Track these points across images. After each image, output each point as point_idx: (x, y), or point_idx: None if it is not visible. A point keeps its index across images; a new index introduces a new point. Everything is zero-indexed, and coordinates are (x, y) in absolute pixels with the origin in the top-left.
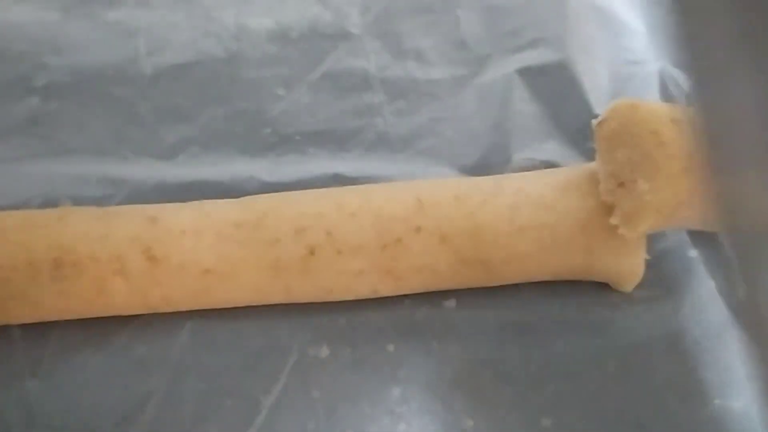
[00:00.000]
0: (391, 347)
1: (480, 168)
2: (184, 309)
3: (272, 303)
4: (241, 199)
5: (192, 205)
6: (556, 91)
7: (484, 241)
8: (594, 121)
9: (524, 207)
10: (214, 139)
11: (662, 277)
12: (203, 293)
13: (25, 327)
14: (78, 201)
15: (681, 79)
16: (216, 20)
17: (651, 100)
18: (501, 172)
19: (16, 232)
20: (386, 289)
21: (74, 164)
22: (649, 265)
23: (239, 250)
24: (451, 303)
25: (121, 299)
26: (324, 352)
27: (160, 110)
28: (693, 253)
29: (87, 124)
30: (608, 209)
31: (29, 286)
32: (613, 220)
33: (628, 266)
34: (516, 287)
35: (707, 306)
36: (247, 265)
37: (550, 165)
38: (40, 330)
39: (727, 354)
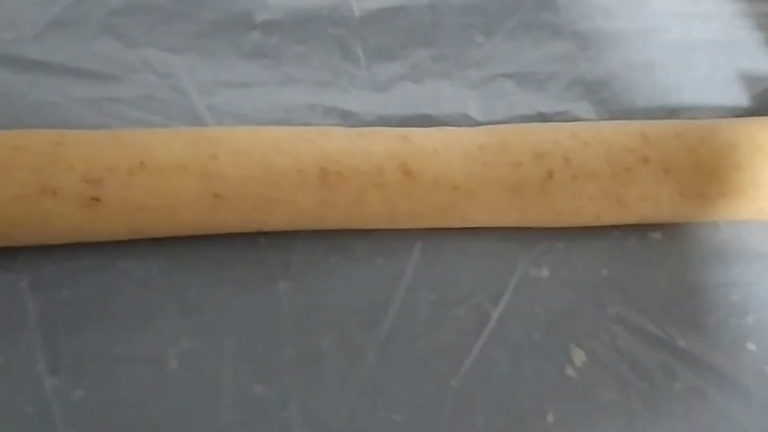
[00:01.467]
0: (604, 271)
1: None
2: (425, 225)
3: (505, 225)
4: (480, 126)
5: (436, 129)
6: None
7: (705, 174)
8: None
9: (742, 144)
10: (423, 77)
11: None
12: (448, 209)
13: (270, 235)
14: None
15: None
16: None
17: None
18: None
19: (286, 142)
20: (609, 217)
21: (301, 94)
22: None
23: (484, 170)
24: (656, 235)
25: (373, 210)
26: (544, 272)
27: (371, 49)
28: None
29: (307, 58)
30: None
31: (296, 192)
32: None
33: None
34: (715, 224)
35: None
36: (491, 185)
37: None
38: (285, 238)
39: None
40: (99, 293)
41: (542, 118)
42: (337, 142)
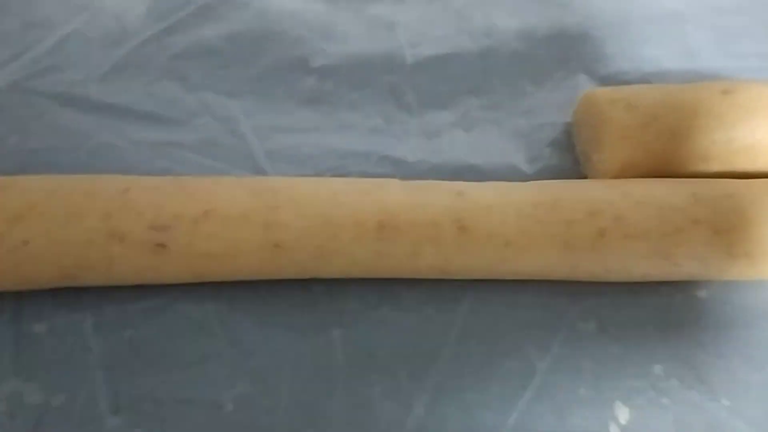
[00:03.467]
0: (650, 327)
1: None
2: (476, 277)
3: (555, 278)
4: (533, 182)
5: (490, 185)
6: None
7: (753, 235)
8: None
9: None
10: (473, 126)
11: None
12: (500, 263)
13: (323, 282)
14: (365, 176)
15: None
16: (466, 19)
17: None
18: None
19: (344, 195)
20: (657, 275)
21: (356, 140)
22: None
23: (537, 227)
24: (703, 293)
25: (427, 263)
26: (591, 326)
27: (423, 96)
28: None
29: (361, 105)
30: None
31: (353, 244)
32: None
33: None
34: (761, 282)
35: None
36: (544, 241)
37: None
38: (338, 285)
39: None
40: (159, 335)
41: None
42: (395, 196)
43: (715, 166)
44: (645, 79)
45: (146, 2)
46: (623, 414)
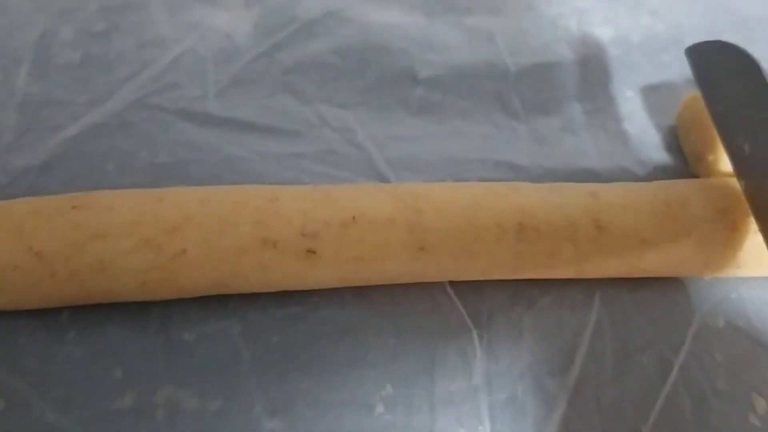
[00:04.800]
0: None
1: None
2: (612, 275)
3: (687, 275)
4: (660, 182)
5: (620, 185)
6: None
7: None
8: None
9: None
10: (579, 129)
11: None
12: (635, 260)
13: (456, 285)
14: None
15: None
16: (561, 27)
17: None
18: None
19: (483, 198)
20: None
21: (470, 147)
22: None
23: (670, 223)
24: None
25: (564, 263)
26: (720, 322)
27: (528, 103)
28: None
29: (470, 113)
30: None
31: (495, 245)
32: None
33: None
34: None
35: None
36: (677, 238)
37: None
38: (472, 287)
39: None
40: (305, 339)
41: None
42: (531, 198)
43: None
44: None
45: (253, 20)
46: (761, 405)
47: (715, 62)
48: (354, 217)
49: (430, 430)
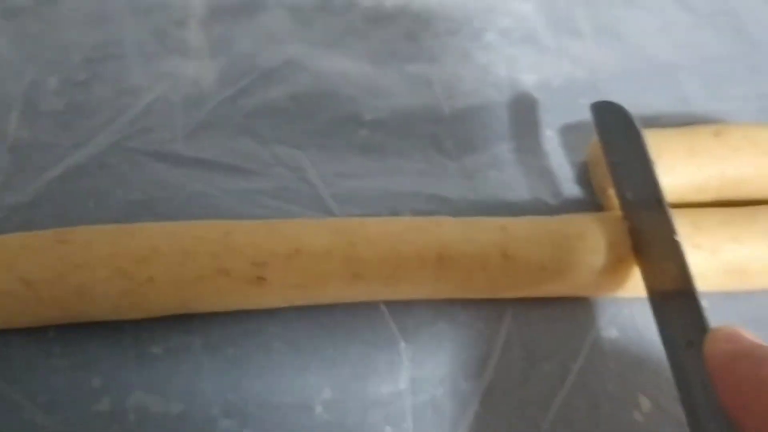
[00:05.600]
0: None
1: None
2: (520, 295)
3: (583, 296)
4: (561, 216)
5: (526, 219)
6: None
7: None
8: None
9: None
10: (504, 166)
11: None
12: (537, 285)
13: (390, 304)
14: (416, 213)
15: None
16: (492, 74)
17: None
18: None
19: (408, 232)
20: None
21: (406, 183)
22: None
23: (567, 255)
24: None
25: (478, 286)
26: (614, 333)
27: (459, 142)
28: None
29: (407, 152)
30: None
31: (417, 273)
32: None
33: None
34: None
35: None
36: (573, 267)
37: None
38: (402, 306)
39: None
40: (257, 351)
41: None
42: (450, 232)
43: (710, 196)
44: (645, 123)
45: (218, 69)
46: (645, 404)
47: (608, 119)
48: (297, 249)
49: (361, 428)
